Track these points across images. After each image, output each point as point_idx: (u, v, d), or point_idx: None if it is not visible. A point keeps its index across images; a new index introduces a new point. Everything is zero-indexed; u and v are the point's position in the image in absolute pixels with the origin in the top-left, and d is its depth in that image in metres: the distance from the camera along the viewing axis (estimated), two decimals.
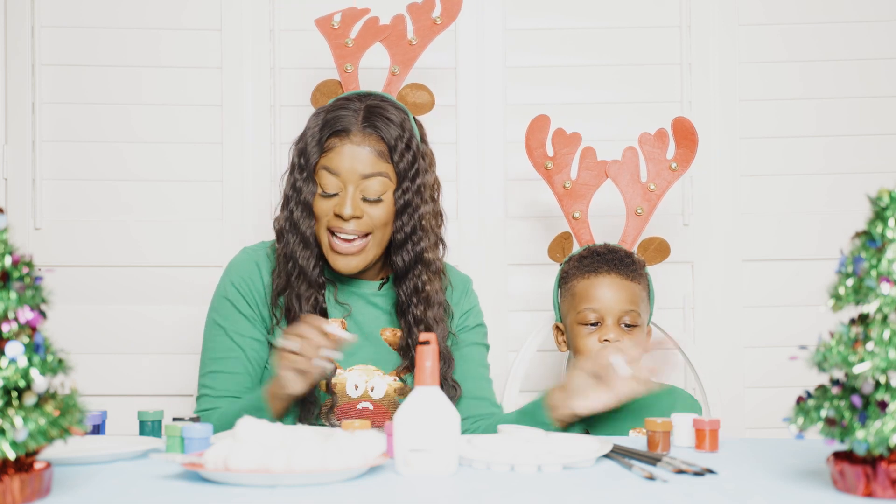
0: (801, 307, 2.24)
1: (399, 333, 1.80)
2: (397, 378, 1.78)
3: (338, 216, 1.70)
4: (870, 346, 1.03)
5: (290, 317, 1.73)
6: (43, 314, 1.07)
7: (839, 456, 1.12)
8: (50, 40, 2.27)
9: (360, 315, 1.79)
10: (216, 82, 2.27)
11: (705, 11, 2.29)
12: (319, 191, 1.72)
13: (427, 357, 1.22)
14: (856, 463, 1.08)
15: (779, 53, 2.31)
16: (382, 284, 1.82)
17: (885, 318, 1.04)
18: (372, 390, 1.76)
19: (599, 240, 1.97)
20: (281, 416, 1.63)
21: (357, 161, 1.70)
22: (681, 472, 1.21)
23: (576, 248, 1.97)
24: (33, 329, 1.05)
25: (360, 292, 1.81)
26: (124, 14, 2.27)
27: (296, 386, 1.57)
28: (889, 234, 1.05)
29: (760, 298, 2.28)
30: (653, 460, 1.27)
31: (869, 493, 1.05)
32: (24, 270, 1.06)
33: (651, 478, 1.17)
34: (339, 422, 1.74)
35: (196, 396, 1.77)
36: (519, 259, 2.29)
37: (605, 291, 1.82)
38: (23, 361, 1.02)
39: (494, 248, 2.28)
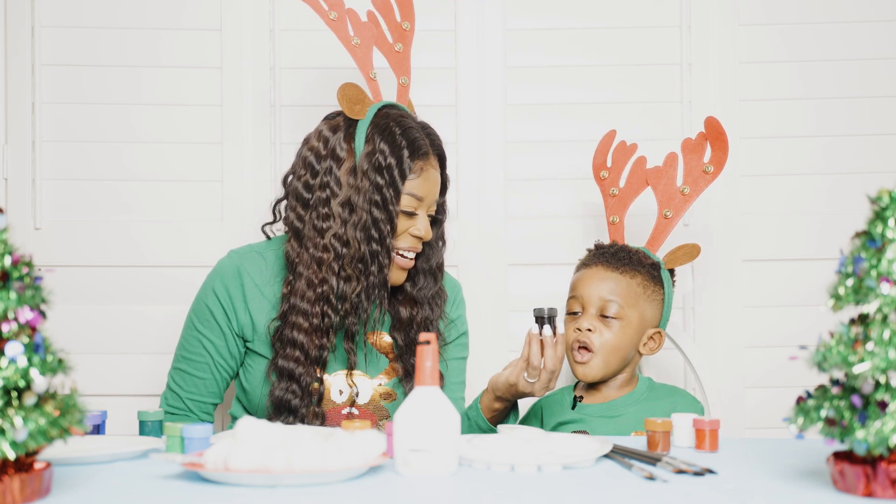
0: (801, 307, 2.24)
1: (384, 336, 1.81)
2: (383, 383, 1.79)
3: (416, 237, 1.77)
4: (870, 346, 1.03)
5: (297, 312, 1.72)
6: (43, 314, 1.07)
7: (839, 456, 1.12)
8: (50, 40, 2.27)
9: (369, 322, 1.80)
10: (216, 82, 2.27)
11: (705, 11, 2.29)
12: (402, 210, 1.74)
13: (427, 357, 1.22)
14: (856, 463, 1.08)
15: (779, 53, 2.31)
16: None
17: (885, 318, 1.04)
18: (357, 395, 1.77)
19: (630, 242, 1.99)
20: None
21: (435, 186, 1.80)
22: (681, 472, 1.21)
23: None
24: (33, 329, 1.05)
25: None
26: (124, 14, 2.27)
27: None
28: (889, 234, 1.05)
29: (760, 298, 2.28)
30: (653, 460, 1.27)
31: (869, 493, 1.05)
32: (24, 270, 1.06)
33: (651, 478, 1.17)
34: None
35: (166, 385, 1.83)
36: (519, 259, 2.29)
37: (588, 282, 1.86)
38: (23, 361, 1.02)
39: (494, 248, 2.28)
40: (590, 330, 1.81)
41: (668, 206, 1.96)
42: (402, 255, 1.76)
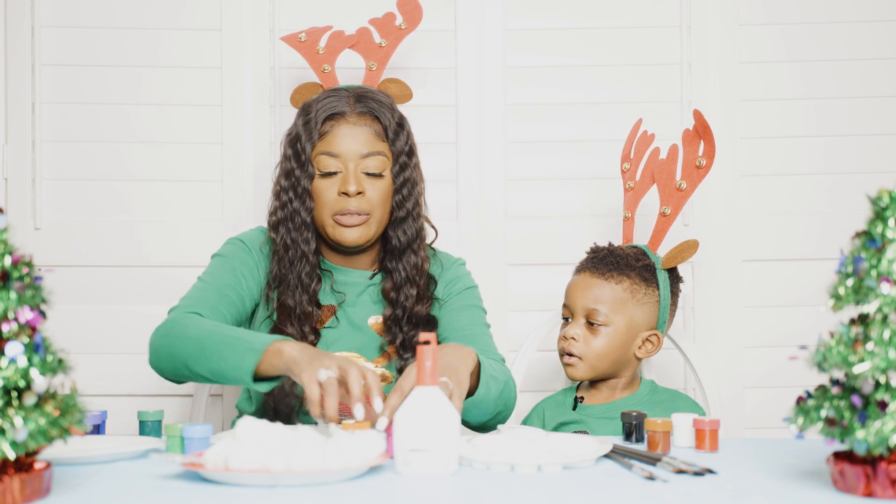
0: (801, 307, 2.24)
1: (379, 318, 1.80)
2: (379, 365, 1.78)
3: (343, 193, 1.73)
4: (870, 346, 1.03)
5: (285, 309, 1.74)
6: (43, 314, 1.07)
7: (839, 456, 1.12)
8: (50, 40, 2.27)
9: (351, 304, 1.81)
10: (216, 82, 2.27)
11: (705, 11, 2.29)
12: (318, 172, 1.75)
13: (427, 357, 1.22)
14: (856, 463, 1.08)
15: (779, 53, 2.31)
16: (374, 274, 1.84)
17: (885, 318, 1.04)
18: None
19: (638, 241, 1.99)
20: (263, 380, 1.49)
21: (355, 141, 1.75)
22: (681, 472, 1.21)
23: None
24: (33, 329, 1.05)
25: (354, 281, 1.82)
26: (124, 14, 2.27)
27: (312, 408, 1.38)
28: (889, 234, 1.05)
29: (760, 298, 2.28)
30: (653, 460, 1.27)
31: (869, 493, 1.05)
32: (24, 270, 1.06)
33: (651, 478, 1.17)
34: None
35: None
36: (519, 259, 2.29)
37: (575, 289, 1.88)
38: (23, 361, 1.02)
39: (494, 248, 2.28)
40: (574, 339, 1.83)
41: (667, 202, 1.96)
42: (339, 219, 1.74)
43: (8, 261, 1.05)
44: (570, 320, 1.87)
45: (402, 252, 1.79)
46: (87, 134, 2.27)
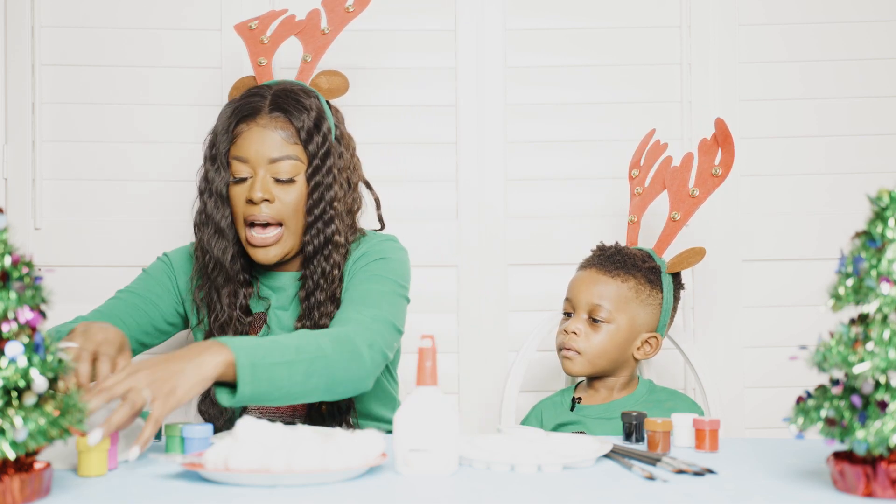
0: (801, 307, 2.24)
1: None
2: None
3: (249, 201, 1.69)
4: (870, 346, 1.03)
5: (213, 314, 1.73)
6: (43, 314, 1.07)
7: (839, 456, 1.12)
8: (50, 40, 2.27)
9: (283, 308, 1.77)
10: (216, 82, 2.27)
11: (705, 11, 2.29)
12: (231, 178, 1.72)
13: (427, 357, 1.22)
14: (856, 463, 1.08)
15: (779, 53, 2.31)
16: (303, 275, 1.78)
17: (885, 318, 1.04)
18: None
19: (644, 245, 1.98)
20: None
21: (264, 145, 1.69)
22: (681, 472, 1.21)
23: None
24: (33, 329, 1.05)
25: (281, 285, 1.78)
26: (124, 14, 2.27)
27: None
28: (889, 234, 1.05)
29: (760, 298, 2.28)
30: (653, 460, 1.27)
31: (869, 493, 1.05)
32: (24, 270, 1.06)
33: (651, 478, 1.17)
34: (261, 416, 1.71)
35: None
36: (519, 259, 2.29)
37: (580, 284, 1.87)
38: (23, 361, 1.02)
39: (494, 248, 2.28)
40: (575, 333, 1.83)
41: (677, 208, 1.96)
42: (253, 229, 1.70)
43: (8, 261, 1.05)
44: (571, 315, 1.87)
45: (313, 257, 1.72)
46: (87, 134, 2.27)
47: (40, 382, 1.03)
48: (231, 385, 1.39)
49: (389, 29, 2.29)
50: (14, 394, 1.03)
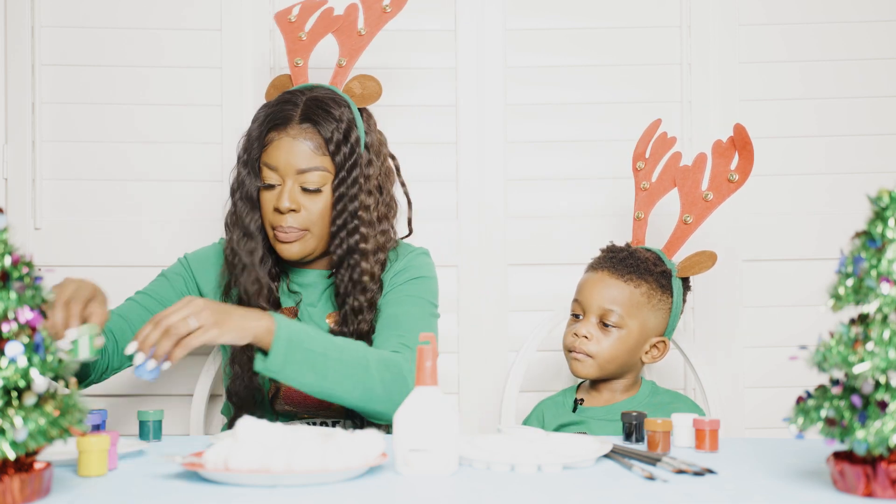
0: (801, 307, 2.24)
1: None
2: None
3: (276, 210, 1.74)
4: (870, 346, 1.03)
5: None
6: (43, 314, 1.07)
7: (839, 456, 1.12)
8: (50, 40, 2.27)
9: (312, 304, 1.81)
10: (216, 82, 2.27)
11: (705, 11, 2.29)
12: (261, 184, 1.76)
13: (427, 357, 1.22)
14: (856, 463, 1.08)
15: (779, 53, 2.31)
16: (332, 274, 1.82)
17: (885, 318, 1.04)
18: None
19: (650, 243, 1.96)
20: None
21: (293, 155, 1.73)
22: (681, 472, 1.21)
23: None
24: (33, 329, 1.06)
25: (310, 281, 1.83)
26: (124, 14, 2.27)
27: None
28: (889, 234, 1.05)
29: (760, 298, 2.28)
30: (653, 460, 1.27)
31: (869, 493, 1.05)
32: (24, 270, 1.06)
33: (651, 478, 1.17)
34: (287, 405, 1.75)
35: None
36: (519, 259, 2.29)
37: (591, 287, 1.84)
38: (23, 361, 1.02)
39: (494, 248, 2.28)
40: (586, 337, 1.81)
41: (689, 210, 1.93)
42: (277, 234, 1.75)
43: (8, 261, 1.05)
44: (580, 317, 1.85)
45: (339, 265, 1.77)
46: (87, 134, 2.27)
47: (40, 382, 1.03)
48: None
49: (389, 29, 2.28)
50: (14, 394, 1.03)
